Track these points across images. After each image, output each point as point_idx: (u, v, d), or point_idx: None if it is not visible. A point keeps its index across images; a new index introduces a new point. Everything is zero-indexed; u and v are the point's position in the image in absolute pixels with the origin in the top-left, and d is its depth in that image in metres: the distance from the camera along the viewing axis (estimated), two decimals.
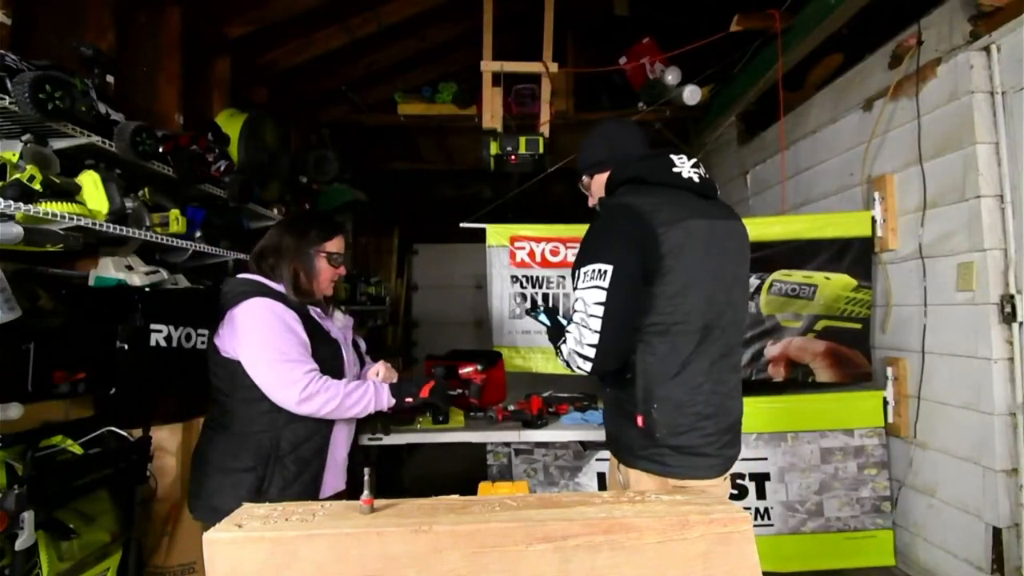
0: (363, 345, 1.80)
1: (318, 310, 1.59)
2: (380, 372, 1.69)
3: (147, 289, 1.82)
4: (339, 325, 1.67)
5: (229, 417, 1.49)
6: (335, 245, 1.61)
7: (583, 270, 1.30)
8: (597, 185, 1.54)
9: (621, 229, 1.30)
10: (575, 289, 1.33)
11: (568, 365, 1.35)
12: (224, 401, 1.50)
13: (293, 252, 1.55)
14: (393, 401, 1.55)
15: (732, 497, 2.10)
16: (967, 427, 2.18)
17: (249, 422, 1.45)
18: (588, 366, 1.30)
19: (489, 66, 3.00)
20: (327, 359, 1.53)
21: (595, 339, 1.26)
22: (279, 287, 1.52)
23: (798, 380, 2.70)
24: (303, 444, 1.49)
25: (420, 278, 6.76)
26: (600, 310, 1.25)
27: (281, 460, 1.46)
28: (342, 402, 1.44)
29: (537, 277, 3.02)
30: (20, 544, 1.30)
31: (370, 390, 1.51)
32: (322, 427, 1.52)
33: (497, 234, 3.04)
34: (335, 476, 1.59)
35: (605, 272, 1.26)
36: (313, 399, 1.40)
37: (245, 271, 1.60)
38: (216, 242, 2.25)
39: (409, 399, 1.57)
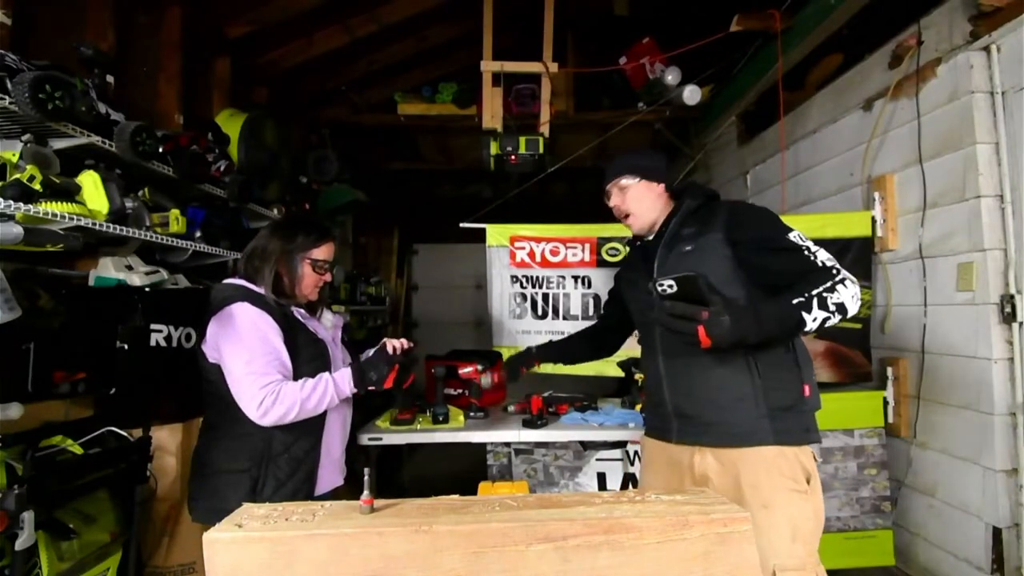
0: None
1: (303, 311, 1.58)
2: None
3: (147, 289, 1.82)
4: (327, 325, 1.67)
5: (223, 420, 1.49)
6: (322, 252, 1.59)
7: (796, 233, 1.37)
8: (646, 190, 1.56)
9: None
10: (798, 248, 1.35)
11: (840, 310, 1.29)
12: (217, 404, 1.49)
13: (278, 255, 1.54)
14: (356, 389, 1.53)
15: None
16: (967, 427, 2.18)
17: (241, 424, 1.45)
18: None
19: (489, 66, 3.00)
20: (313, 359, 1.53)
21: None
22: (262, 290, 1.51)
23: None
24: (295, 443, 1.49)
25: (420, 278, 6.75)
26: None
27: (274, 460, 1.47)
28: (302, 406, 1.43)
29: (537, 277, 3.02)
30: (20, 544, 1.30)
31: (329, 386, 1.48)
32: (314, 426, 1.52)
33: (497, 234, 3.04)
34: (331, 473, 1.59)
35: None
36: (270, 412, 1.40)
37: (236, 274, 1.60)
38: (216, 242, 2.25)
39: (372, 387, 1.55)
